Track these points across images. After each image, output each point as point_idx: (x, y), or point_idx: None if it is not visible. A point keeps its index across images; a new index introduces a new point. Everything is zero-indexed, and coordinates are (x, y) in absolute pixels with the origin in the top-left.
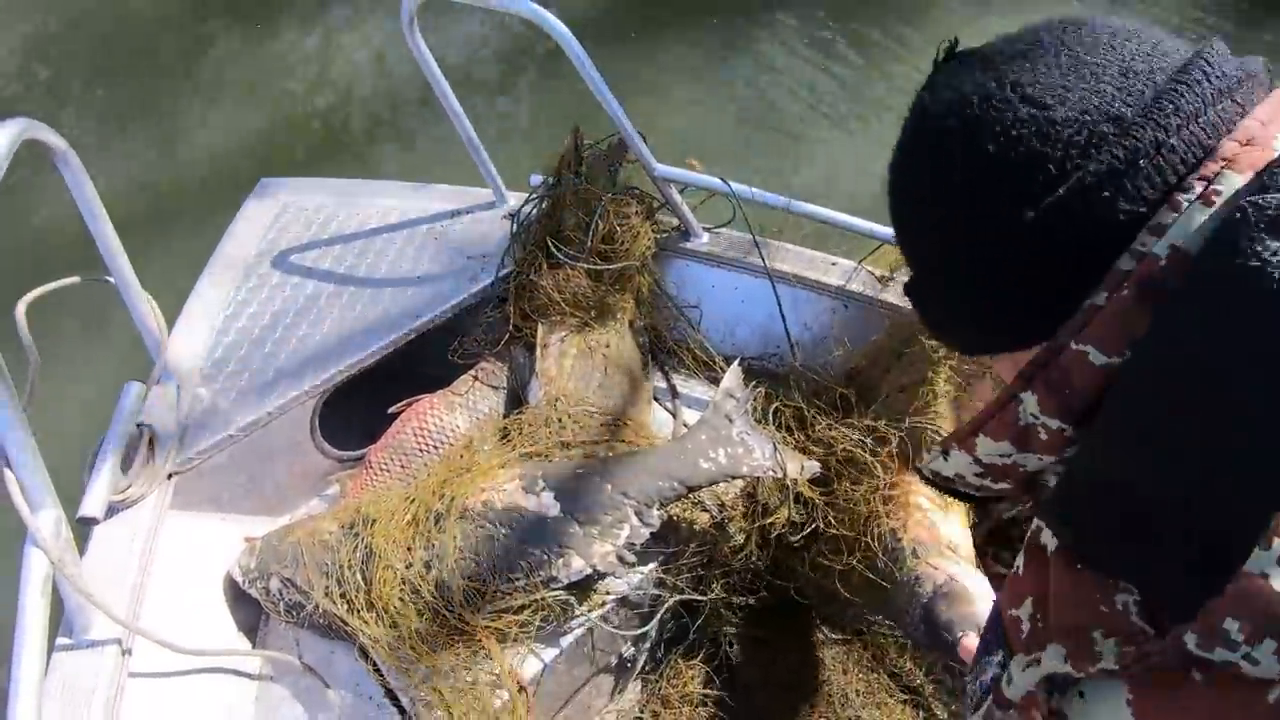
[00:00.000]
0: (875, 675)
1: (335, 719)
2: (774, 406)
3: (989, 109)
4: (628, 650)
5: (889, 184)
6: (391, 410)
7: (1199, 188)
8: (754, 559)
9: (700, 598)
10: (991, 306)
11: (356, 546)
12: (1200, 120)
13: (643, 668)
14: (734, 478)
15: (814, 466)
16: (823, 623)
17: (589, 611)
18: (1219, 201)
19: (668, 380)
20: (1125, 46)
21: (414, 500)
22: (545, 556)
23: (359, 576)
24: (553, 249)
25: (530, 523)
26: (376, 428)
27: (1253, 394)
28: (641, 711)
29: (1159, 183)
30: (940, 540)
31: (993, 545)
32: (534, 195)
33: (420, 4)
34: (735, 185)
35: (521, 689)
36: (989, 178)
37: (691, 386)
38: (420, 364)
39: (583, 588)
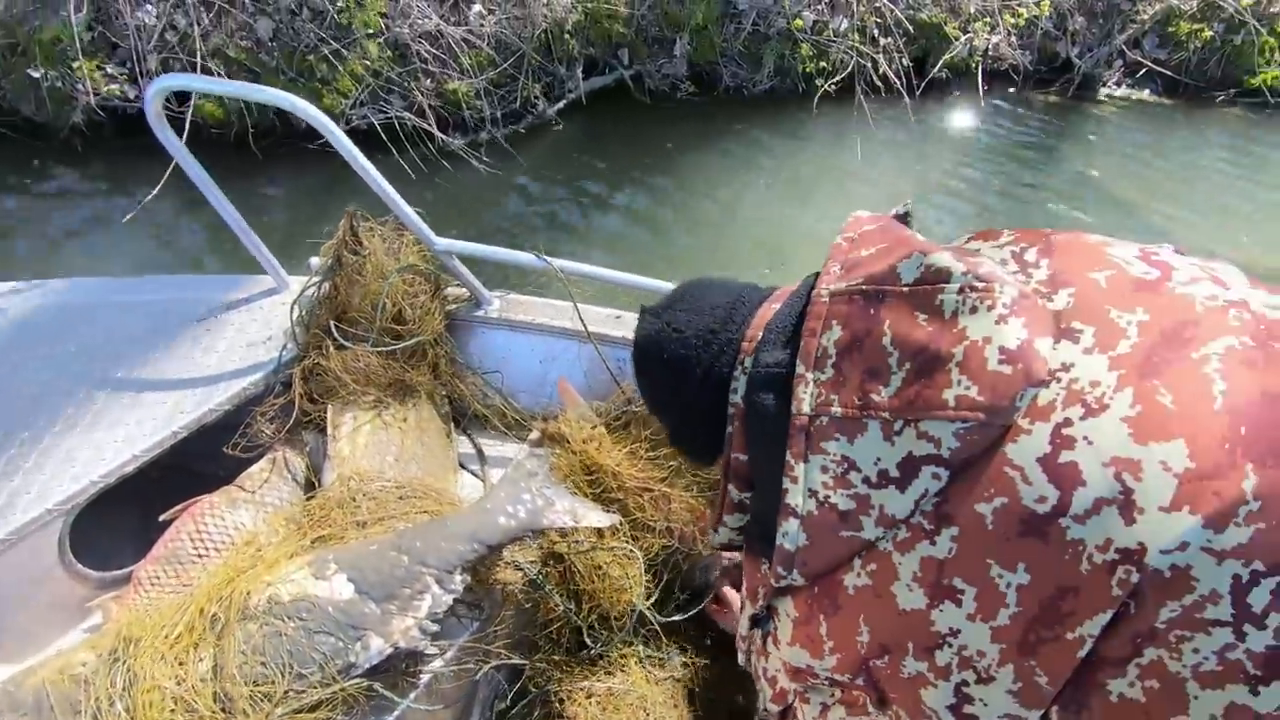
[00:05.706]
0: (691, 708)
1: None
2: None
3: (658, 336)
4: None
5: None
6: (164, 517)
7: (742, 364)
8: (573, 612)
9: (519, 661)
10: (695, 438)
11: (116, 673)
12: (736, 327)
13: None
14: (536, 532)
15: (613, 518)
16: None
17: (399, 696)
18: (748, 370)
19: (474, 445)
20: (715, 292)
21: (187, 608)
22: (340, 643)
23: (119, 707)
24: (335, 331)
25: (322, 610)
26: (151, 540)
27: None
28: None
29: (730, 361)
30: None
31: None
32: (313, 279)
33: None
34: (522, 255)
35: None
36: (666, 371)
37: (504, 450)
38: (203, 463)
39: (388, 671)
